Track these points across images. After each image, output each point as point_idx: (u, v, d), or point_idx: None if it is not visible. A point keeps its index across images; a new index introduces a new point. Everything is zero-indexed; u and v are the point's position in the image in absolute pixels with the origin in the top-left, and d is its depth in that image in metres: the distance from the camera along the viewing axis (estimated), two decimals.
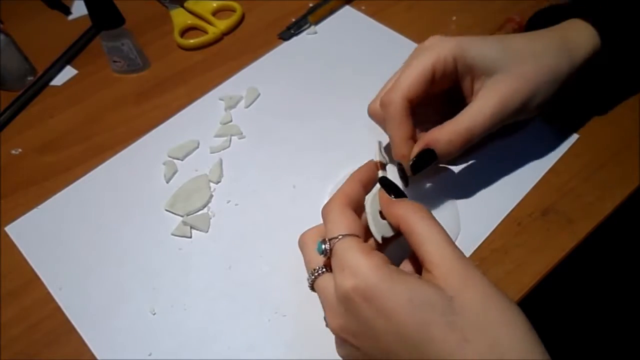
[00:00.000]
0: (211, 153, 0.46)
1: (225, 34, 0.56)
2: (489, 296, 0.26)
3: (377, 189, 0.33)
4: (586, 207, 0.40)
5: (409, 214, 0.29)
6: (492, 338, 0.25)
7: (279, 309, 0.37)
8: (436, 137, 0.36)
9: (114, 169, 0.46)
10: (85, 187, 0.45)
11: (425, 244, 0.28)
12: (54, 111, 0.51)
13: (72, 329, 0.37)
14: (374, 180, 0.34)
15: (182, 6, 0.58)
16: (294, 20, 0.55)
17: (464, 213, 0.40)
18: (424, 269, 0.28)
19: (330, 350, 0.33)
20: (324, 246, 0.30)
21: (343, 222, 0.30)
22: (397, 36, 0.53)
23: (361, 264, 0.27)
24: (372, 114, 0.40)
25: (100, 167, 0.46)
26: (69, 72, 0.54)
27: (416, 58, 0.37)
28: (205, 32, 0.55)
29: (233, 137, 0.47)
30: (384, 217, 0.32)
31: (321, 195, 0.42)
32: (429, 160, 0.37)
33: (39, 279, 0.40)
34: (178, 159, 0.46)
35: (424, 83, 0.36)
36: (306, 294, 0.33)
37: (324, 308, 0.30)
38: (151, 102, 0.50)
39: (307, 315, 0.36)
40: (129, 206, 0.43)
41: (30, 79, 0.53)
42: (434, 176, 0.42)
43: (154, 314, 0.37)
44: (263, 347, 0.35)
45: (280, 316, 0.37)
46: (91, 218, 0.43)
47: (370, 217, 0.32)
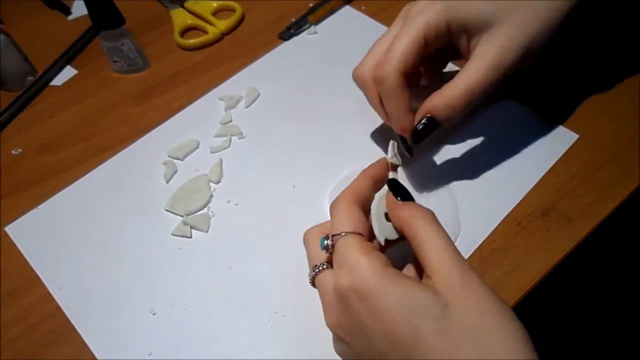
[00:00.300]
0: (211, 153, 0.46)
1: (225, 34, 0.56)
2: (485, 304, 0.26)
3: (385, 190, 0.33)
4: (586, 207, 0.40)
5: (413, 218, 0.29)
6: (484, 347, 0.25)
7: (279, 309, 0.37)
8: (436, 104, 0.35)
9: (114, 169, 0.46)
10: (85, 187, 0.45)
11: (426, 249, 0.28)
12: (54, 111, 0.51)
13: (72, 329, 0.37)
14: (384, 178, 0.33)
15: (182, 6, 0.58)
16: (294, 20, 0.55)
17: (464, 213, 0.40)
18: (424, 273, 0.28)
19: (330, 350, 0.33)
20: (326, 242, 0.30)
21: (348, 220, 0.30)
22: None
23: (360, 263, 0.27)
24: (359, 80, 0.39)
25: (100, 167, 0.46)
26: (69, 72, 0.54)
27: (406, 28, 0.35)
28: (205, 32, 0.55)
29: (233, 137, 0.47)
30: (389, 220, 0.32)
31: (321, 196, 0.42)
32: (431, 128, 0.36)
33: (39, 279, 0.40)
34: (178, 159, 0.46)
35: (416, 53, 0.35)
36: (306, 294, 0.33)
37: (322, 304, 0.30)
38: (151, 102, 0.50)
39: (307, 315, 0.36)
40: (129, 206, 0.43)
41: (30, 79, 0.53)
42: (434, 170, 0.42)
43: (154, 314, 0.37)
44: (263, 347, 0.35)
45: (280, 316, 0.37)
46: (91, 218, 0.43)
47: (375, 219, 0.31)
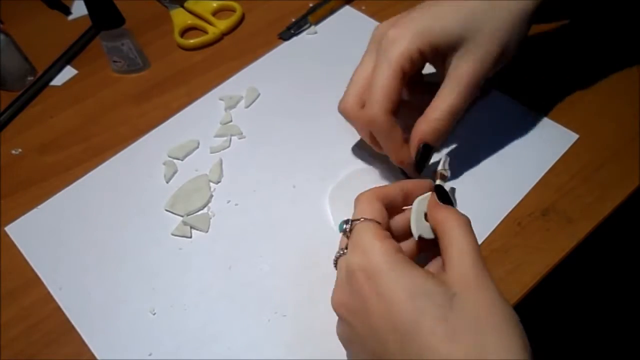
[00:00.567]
0: (211, 153, 0.46)
1: (225, 34, 0.56)
2: (492, 303, 0.26)
3: (428, 193, 0.34)
4: (586, 207, 0.40)
5: (449, 219, 0.30)
6: (481, 344, 0.25)
7: (279, 309, 0.37)
8: (424, 130, 0.37)
9: (114, 169, 0.46)
10: (85, 187, 0.45)
11: (450, 247, 0.29)
12: (54, 111, 0.51)
13: (72, 329, 0.37)
14: (416, 193, 0.34)
15: (182, 6, 0.58)
16: (294, 20, 0.55)
17: (464, 213, 0.40)
18: (441, 269, 0.29)
19: (330, 350, 0.33)
20: (345, 226, 0.31)
21: (369, 209, 0.31)
22: None
23: (373, 246, 0.28)
24: (345, 115, 0.40)
25: (100, 167, 0.46)
26: (69, 72, 0.54)
27: (382, 64, 0.36)
28: (205, 32, 0.55)
29: (233, 137, 0.47)
30: (427, 220, 0.33)
31: (321, 196, 0.42)
32: (427, 155, 0.38)
33: (39, 279, 0.40)
34: (178, 159, 0.46)
35: (398, 86, 0.36)
36: (306, 294, 0.33)
37: (335, 285, 0.31)
38: (151, 102, 0.50)
39: (307, 315, 0.36)
40: (129, 206, 0.43)
41: (30, 79, 0.53)
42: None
43: (154, 314, 0.37)
44: (263, 347, 0.35)
45: (280, 316, 0.36)
46: (91, 218, 0.43)
47: (415, 215, 0.32)
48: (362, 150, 0.44)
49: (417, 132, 0.37)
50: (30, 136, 0.49)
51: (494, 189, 0.41)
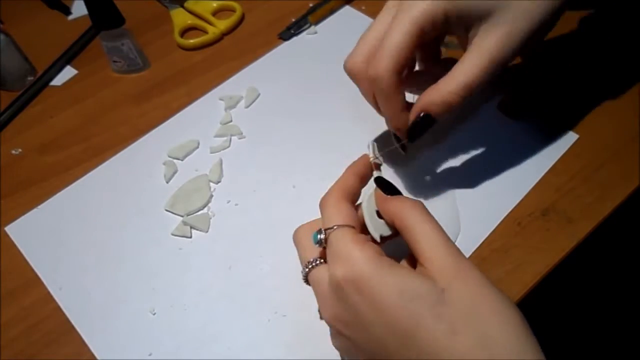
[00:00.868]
0: (211, 153, 0.46)
1: (225, 34, 0.56)
2: (480, 289, 0.26)
3: (372, 189, 0.33)
4: (586, 207, 0.40)
5: (403, 210, 0.29)
6: (482, 331, 0.25)
7: (279, 309, 0.37)
8: (431, 100, 0.34)
9: (114, 169, 0.46)
10: (85, 187, 0.45)
11: (417, 238, 0.28)
12: (54, 111, 0.51)
13: (72, 329, 0.37)
14: (369, 173, 0.33)
15: (182, 6, 0.58)
16: (294, 20, 0.55)
17: (464, 213, 0.40)
18: (418, 262, 0.28)
19: (330, 350, 0.33)
20: (319, 236, 0.30)
21: (339, 214, 0.30)
22: None
23: (354, 254, 0.28)
24: (350, 73, 0.37)
25: (100, 167, 0.46)
26: (69, 72, 0.54)
27: (400, 20, 0.33)
28: (205, 32, 0.55)
29: (233, 137, 0.47)
30: (381, 217, 0.32)
31: (321, 196, 0.42)
32: (426, 126, 0.35)
33: (39, 279, 0.40)
34: (178, 159, 0.46)
35: (411, 48, 0.33)
36: (306, 294, 0.33)
37: (317, 299, 0.30)
38: (151, 102, 0.50)
39: (307, 315, 0.36)
40: (129, 206, 0.43)
41: (30, 79, 0.53)
42: (432, 172, 0.42)
43: (154, 314, 0.37)
44: (263, 347, 0.35)
45: (280, 316, 0.36)
46: (91, 218, 0.43)
47: (368, 217, 0.31)
48: (362, 150, 0.44)
49: (423, 98, 0.34)
50: (30, 136, 0.49)
51: (494, 189, 0.41)
